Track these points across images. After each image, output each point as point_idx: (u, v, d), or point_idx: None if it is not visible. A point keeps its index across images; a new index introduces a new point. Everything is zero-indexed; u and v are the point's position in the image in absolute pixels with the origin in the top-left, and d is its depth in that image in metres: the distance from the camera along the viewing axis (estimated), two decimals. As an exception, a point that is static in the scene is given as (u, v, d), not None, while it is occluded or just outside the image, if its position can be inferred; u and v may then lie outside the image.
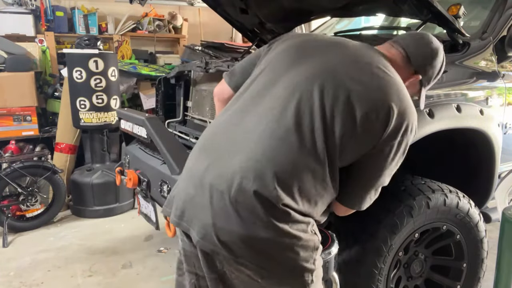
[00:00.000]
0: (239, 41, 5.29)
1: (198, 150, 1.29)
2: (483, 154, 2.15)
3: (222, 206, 1.12)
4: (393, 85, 1.20)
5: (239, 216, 1.11)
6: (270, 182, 1.10)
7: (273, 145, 1.13)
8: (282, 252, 1.14)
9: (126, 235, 3.38)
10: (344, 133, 1.15)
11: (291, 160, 1.12)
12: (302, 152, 1.13)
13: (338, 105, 1.14)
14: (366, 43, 1.38)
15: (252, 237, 1.11)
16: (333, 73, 1.20)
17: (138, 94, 4.65)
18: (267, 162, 1.12)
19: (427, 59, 1.37)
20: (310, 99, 1.16)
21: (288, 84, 1.21)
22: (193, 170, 1.24)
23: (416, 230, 1.84)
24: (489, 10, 2.32)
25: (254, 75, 1.34)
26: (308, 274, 1.18)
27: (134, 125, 2.35)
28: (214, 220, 1.13)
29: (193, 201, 1.19)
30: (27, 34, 4.41)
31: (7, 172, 3.34)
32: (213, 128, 1.31)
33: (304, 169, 1.13)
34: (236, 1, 2.47)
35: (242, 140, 1.18)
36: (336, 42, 1.34)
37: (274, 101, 1.20)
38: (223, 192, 1.12)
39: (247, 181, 1.11)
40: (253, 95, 1.27)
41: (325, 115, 1.14)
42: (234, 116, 1.26)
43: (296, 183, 1.13)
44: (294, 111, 1.16)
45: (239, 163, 1.13)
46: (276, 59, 1.32)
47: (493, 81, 2.17)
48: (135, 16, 5.14)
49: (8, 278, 2.73)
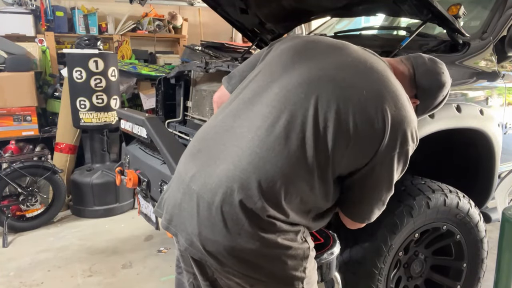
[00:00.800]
0: (239, 41, 5.29)
1: (188, 153, 1.26)
2: (483, 154, 2.15)
3: (208, 216, 1.09)
4: (390, 93, 1.14)
5: (224, 227, 1.08)
6: (254, 193, 1.06)
7: (260, 154, 1.09)
8: (269, 262, 1.11)
9: (126, 235, 3.38)
10: (337, 142, 1.09)
11: (278, 170, 1.08)
12: (290, 162, 1.08)
13: (330, 114, 1.09)
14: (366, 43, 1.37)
15: (238, 248, 1.08)
16: (328, 79, 1.15)
17: (138, 94, 4.65)
18: (253, 171, 1.08)
19: (432, 88, 1.31)
20: (302, 107, 1.11)
21: (280, 90, 1.16)
22: (182, 175, 1.20)
23: (416, 230, 1.84)
24: (489, 10, 2.32)
25: (250, 76, 1.30)
26: (298, 283, 1.15)
27: (134, 125, 2.35)
28: (199, 230, 1.11)
29: (181, 208, 1.17)
30: (27, 34, 4.41)
31: (7, 172, 3.34)
32: (204, 132, 1.27)
33: (293, 179, 1.09)
34: (236, 1, 2.47)
35: (231, 147, 1.14)
36: (337, 46, 1.27)
37: (265, 107, 1.15)
38: (209, 202, 1.09)
39: (231, 191, 1.07)
40: (245, 99, 1.22)
41: (318, 124, 1.09)
42: (226, 120, 1.21)
43: (283, 193, 1.08)
44: (285, 118, 1.11)
45: (225, 172, 1.10)
46: (274, 61, 1.28)
47: (493, 81, 2.17)
48: (135, 16, 5.15)
49: (8, 278, 2.73)
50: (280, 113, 1.12)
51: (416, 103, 1.32)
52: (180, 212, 1.17)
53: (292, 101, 1.13)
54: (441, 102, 1.36)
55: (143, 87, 4.69)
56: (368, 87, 1.14)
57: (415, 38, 1.99)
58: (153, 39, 5.24)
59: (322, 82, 1.14)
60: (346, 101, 1.11)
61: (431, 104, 1.35)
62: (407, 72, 1.30)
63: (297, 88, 1.15)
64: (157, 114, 2.95)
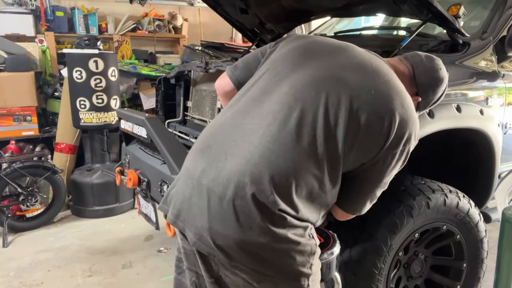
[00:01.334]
0: (239, 41, 5.29)
1: (196, 149, 1.27)
2: (483, 154, 2.15)
3: (219, 210, 1.11)
4: (397, 94, 1.19)
5: (235, 221, 1.09)
6: (267, 187, 1.08)
7: (273, 149, 1.11)
8: (278, 257, 1.13)
9: (126, 235, 3.38)
10: (346, 140, 1.13)
11: (290, 165, 1.10)
12: (301, 157, 1.11)
13: (341, 112, 1.13)
14: (366, 43, 1.38)
15: (248, 242, 1.10)
16: (337, 78, 1.18)
17: (138, 94, 4.65)
18: (265, 165, 1.10)
19: (432, 85, 1.36)
20: (313, 104, 1.14)
21: (290, 88, 1.19)
22: (191, 171, 1.22)
23: (416, 230, 1.84)
24: (489, 10, 2.32)
25: (257, 75, 1.32)
26: (304, 279, 1.17)
27: (134, 125, 2.35)
28: (210, 224, 1.12)
29: (190, 203, 1.18)
30: (27, 34, 4.41)
31: (7, 172, 3.34)
32: (213, 128, 1.29)
33: (303, 174, 1.11)
34: (236, 1, 2.47)
35: (242, 142, 1.16)
36: (343, 47, 1.30)
37: (275, 104, 1.17)
38: (220, 196, 1.11)
39: (244, 185, 1.09)
40: (255, 96, 1.24)
41: (328, 122, 1.13)
42: (236, 117, 1.23)
43: (294, 188, 1.11)
44: (296, 115, 1.13)
45: (237, 166, 1.12)
46: (281, 60, 1.30)
47: (493, 81, 2.17)
48: (135, 16, 5.15)
49: (8, 278, 2.73)
50: (291, 110, 1.15)
51: (417, 100, 1.36)
52: (190, 206, 1.18)
53: (303, 99, 1.16)
54: (440, 96, 1.41)
55: (143, 87, 4.69)
56: (375, 87, 1.17)
57: (415, 38, 1.99)
58: (153, 39, 5.24)
59: (331, 81, 1.17)
60: (355, 100, 1.14)
61: (431, 100, 1.40)
62: (407, 72, 1.34)
63: (307, 87, 1.18)
64: (157, 114, 2.95)
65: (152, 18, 5.18)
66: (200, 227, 1.14)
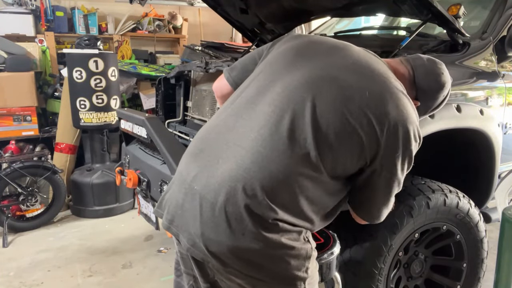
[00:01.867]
0: (239, 41, 5.29)
1: (190, 153, 1.25)
2: (483, 154, 2.15)
3: (211, 216, 1.09)
4: (392, 94, 1.15)
5: (228, 227, 1.07)
6: (258, 193, 1.06)
7: (264, 153, 1.08)
8: (272, 262, 1.11)
9: (126, 235, 3.38)
10: (339, 141, 1.10)
11: (282, 170, 1.07)
12: (294, 161, 1.08)
13: (333, 113, 1.10)
14: (366, 43, 1.37)
15: (241, 249, 1.08)
16: (331, 79, 1.15)
17: (138, 94, 4.65)
18: (257, 170, 1.07)
19: (432, 89, 1.32)
20: (305, 106, 1.11)
21: (283, 89, 1.16)
22: (184, 176, 1.20)
23: (416, 230, 1.84)
24: (489, 10, 2.32)
25: (252, 76, 1.30)
26: (300, 283, 1.15)
27: (134, 125, 2.35)
28: (202, 230, 1.10)
29: (183, 208, 1.16)
30: (27, 34, 4.41)
31: (7, 172, 3.35)
32: (206, 132, 1.27)
33: (296, 179, 1.09)
34: (236, 1, 2.47)
35: (233, 146, 1.13)
36: (340, 47, 1.27)
37: (268, 106, 1.15)
38: (212, 202, 1.09)
39: (235, 191, 1.07)
40: (249, 97, 1.22)
41: (318, 124, 1.09)
42: (229, 120, 1.21)
43: (287, 193, 1.08)
44: (288, 118, 1.10)
45: (228, 172, 1.09)
46: (275, 60, 1.27)
47: (493, 81, 2.17)
48: (135, 16, 5.15)
49: (8, 278, 2.73)
50: (283, 112, 1.12)
51: (417, 105, 1.31)
52: (182, 212, 1.16)
53: (295, 101, 1.13)
54: (441, 102, 1.37)
55: (143, 87, 4.69)
56: (370, 88, 1.14)
57: (415, 38, 1.99)
58: (153, 39, 5.24)
59: (324, 82, 1.14)
60: (348, 101, 1.11)
61: (431, 105, 1.36)
62: (407, 74, 1.30)
63: (300, 88, 1.14)
64: (157, 114, 2.95)
65: (152, 18, 5.18)
66: (193, 233, 1.12)
